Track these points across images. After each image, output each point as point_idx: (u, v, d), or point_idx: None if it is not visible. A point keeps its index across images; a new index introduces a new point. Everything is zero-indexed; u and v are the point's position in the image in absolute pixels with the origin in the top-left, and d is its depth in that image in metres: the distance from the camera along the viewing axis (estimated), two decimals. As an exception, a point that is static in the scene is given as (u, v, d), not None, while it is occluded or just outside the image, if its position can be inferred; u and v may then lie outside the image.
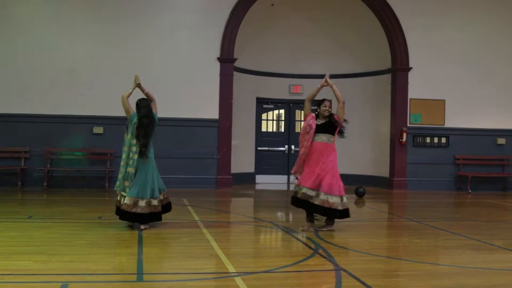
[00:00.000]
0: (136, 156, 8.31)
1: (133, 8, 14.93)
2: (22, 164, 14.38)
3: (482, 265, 6.77)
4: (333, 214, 8.72)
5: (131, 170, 8.29)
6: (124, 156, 8.45)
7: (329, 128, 8.92)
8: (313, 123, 8.89)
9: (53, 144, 14.57)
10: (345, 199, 8.82)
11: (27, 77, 14.47)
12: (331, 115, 8.96)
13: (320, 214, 8.81)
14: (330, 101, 9.19)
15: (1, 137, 14.39)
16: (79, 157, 14.80)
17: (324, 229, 8.75)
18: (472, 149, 16.62)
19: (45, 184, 14.23)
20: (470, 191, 15.96)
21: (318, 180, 8.65)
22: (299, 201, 8.76)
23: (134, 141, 8.37)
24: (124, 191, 8.33)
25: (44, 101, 14.49)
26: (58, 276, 5.74)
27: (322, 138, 8.86)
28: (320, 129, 8.88)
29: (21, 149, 14.45)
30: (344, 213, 8.81)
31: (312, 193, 8.60)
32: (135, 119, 8.42)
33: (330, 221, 8.87)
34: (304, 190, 8.65)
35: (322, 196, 8.57)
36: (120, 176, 8.40)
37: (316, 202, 8.58)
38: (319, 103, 9.05)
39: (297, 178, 8.93)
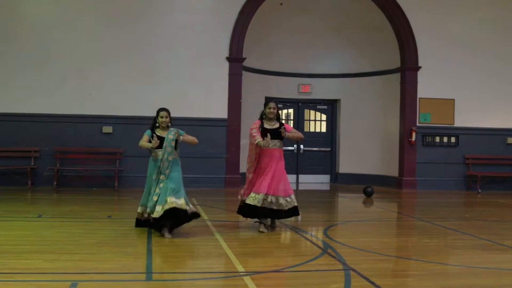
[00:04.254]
0: None
1: (142, 8, 14.95)
2: (32, 164, 14.44)
3: (491, 265, 6.74)
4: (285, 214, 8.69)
5: None
6: None
7: (279, 134, 8.70)
8: (257, 133, 8.60)
9: (63, 144, 14.61)
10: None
11: (36, 76, 14.52)
12: (282, 124, 8.79)
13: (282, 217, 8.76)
14: (276, 103, 8.98)
15: (11, 136, 14.45)
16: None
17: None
18: (482, 149, 16.56)
19: (54, 183, 14.28)
20: (479, 190, 15.89)
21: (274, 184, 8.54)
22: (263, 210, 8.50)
23: None
24: None
25: (53, 101, 14.54)
26: (68, 275, 5.75)
27: (277, 144, 8.71)
28: (273, 134, 8.66)
29: (31, 148, 14.51)
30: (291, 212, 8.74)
31: (273, 198, 8.49)
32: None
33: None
34: (270, 198, 8.46)
35: (281, 200, 8.52)
36: None
37: (277, 208, 8.51)
38: (265, 103, 8.92)
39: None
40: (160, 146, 8.20)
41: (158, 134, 8.30)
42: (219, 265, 6.62)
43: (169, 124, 8.45)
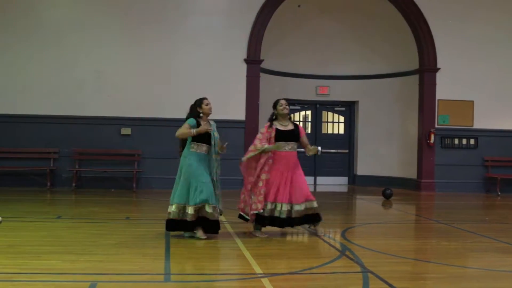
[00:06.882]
0: None
1: (159, 11, 15.02)
2: (51, 165, 14.55)
3: (511, 268, 6.69)
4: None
5: None
6: None
7: (295, 135, 8.35)
8: (263, 141, 8.19)
9: (81, 145, 14.70)
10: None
11: (55, 79, 14.64)
12: (296, 125, 8.46)
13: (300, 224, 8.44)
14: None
15: (31, 138, 14.58)
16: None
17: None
18: (501, 151, 16.42)
19: (73, 184, 14.38)
20: (499, 193, 15.75)
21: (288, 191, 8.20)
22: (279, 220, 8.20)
23: None
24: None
25: (72, 103, 14.65)
26: (87, 275, 5.79)
27: (294, 146, 8.32)
28: (285, 136, 8.26)
29: (50, 150, 14.62)
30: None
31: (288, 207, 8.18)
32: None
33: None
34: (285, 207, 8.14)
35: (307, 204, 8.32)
36: None
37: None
38: (274, 104, 8.46)
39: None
40: (203, 140, 7.91)
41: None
42: (237, 267, 6.63)
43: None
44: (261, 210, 8.12)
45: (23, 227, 8.70)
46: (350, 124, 18.25)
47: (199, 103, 8.09)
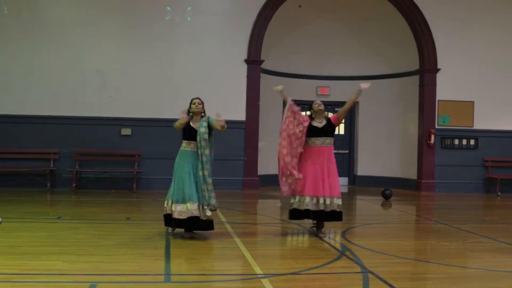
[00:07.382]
0: None
1: (160, 11, 15.01)
2: (51, 165, 14.55)
3: (510, 268, 6.69)
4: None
5: None
6: None
7: (331, 130, 8.66)
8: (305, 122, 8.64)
9: (82, 146, 14.70)
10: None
11: (56, 79, 14.64)
12: (328, 118, 8.75)
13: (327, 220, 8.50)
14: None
15: (31, 138, 14.57)
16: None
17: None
18: (501, 151, 16.42)
19: (73, 185, 14.37)
20: (499, 193, 15.76)
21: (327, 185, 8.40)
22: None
23: None
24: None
25: (73, 103, 14.65)
26: (87, 276, 5.80)
27: (326, 141, 8.59)
28: (321, 132, 8.59)
29: (51, 150, 14.62)
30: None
31: (328, 200, 8.36)
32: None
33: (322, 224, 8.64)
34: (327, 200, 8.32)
35: (336, 201, 8.40)
36: None
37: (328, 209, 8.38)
38: (311, 104, 8.92)
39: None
40: (190, 138, 8.09)
41: (192, 125, 8.13)
42: (237, 267, 6.64)
43: (203, 113, 8.31)
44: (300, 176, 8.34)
45: (23, 227, 8.70)
46: (350, 125, 18.25)
47: (190, 103, 8.36)
